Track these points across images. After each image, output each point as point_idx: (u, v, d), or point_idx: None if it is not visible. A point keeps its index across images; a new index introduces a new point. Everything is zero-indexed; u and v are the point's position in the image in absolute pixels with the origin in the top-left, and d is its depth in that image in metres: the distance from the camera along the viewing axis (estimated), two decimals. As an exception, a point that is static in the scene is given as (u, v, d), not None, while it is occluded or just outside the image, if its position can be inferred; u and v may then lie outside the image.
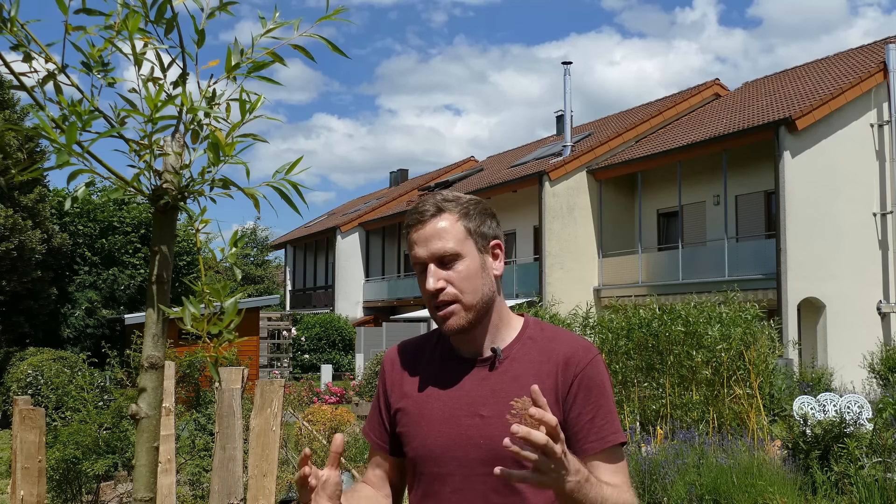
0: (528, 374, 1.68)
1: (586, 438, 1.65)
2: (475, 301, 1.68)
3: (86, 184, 1.57)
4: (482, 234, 1.72)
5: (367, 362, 19.71)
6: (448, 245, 1.68)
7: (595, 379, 1.68)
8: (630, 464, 7.16)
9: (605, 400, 1.68)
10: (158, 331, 1.68)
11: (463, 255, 1.68)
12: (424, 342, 1.85)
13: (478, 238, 1.71)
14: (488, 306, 1.71)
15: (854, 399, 9.34)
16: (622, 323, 10.62)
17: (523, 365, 1.70)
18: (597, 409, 1.66)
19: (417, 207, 1.74)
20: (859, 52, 22.06)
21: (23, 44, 1.52)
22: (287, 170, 1.66)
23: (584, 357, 1.69)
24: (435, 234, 1.69)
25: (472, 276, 1.68)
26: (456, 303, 1.68)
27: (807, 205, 18.14)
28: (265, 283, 53.83)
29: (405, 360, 1.84)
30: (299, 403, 13.72)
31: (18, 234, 16.83)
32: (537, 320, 1.80)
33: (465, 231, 1.70)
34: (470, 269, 1.68)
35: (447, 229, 1.69)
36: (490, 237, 1.73)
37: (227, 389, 3.96)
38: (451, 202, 1.72)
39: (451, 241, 1.68)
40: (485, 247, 1.72)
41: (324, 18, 1.61)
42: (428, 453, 1.71)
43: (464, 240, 1.69)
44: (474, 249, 1.70)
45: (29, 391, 12.02)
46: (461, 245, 1.69)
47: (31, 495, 4.35)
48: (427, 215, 1.71)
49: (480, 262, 1.70)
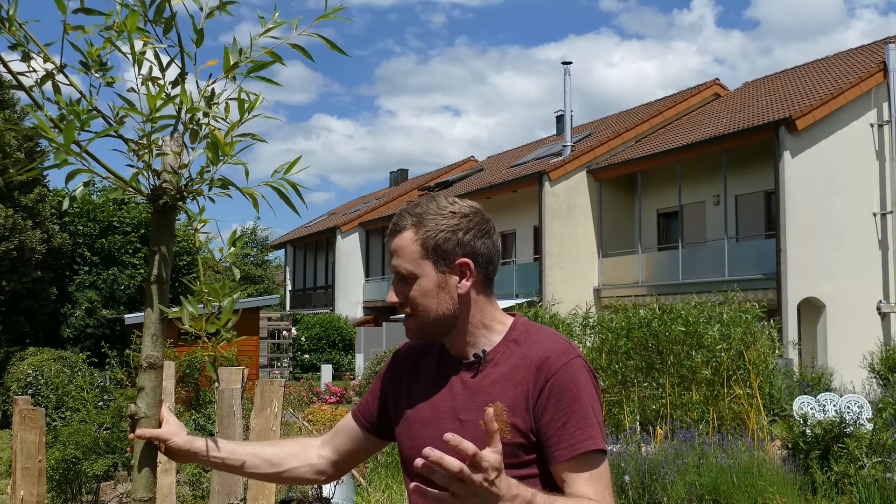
0: (506, 380, 1.66)
1: (557, 445, 1.60)
2: (428, 319, 1.70)
3: (84, 183, 1.57)
4: (444, 252, 1.68)
5: (367, 362, 19.70)
6: (402, 264, 1.69)
7: (567, 384, 1.62)
8: (630, 464, 7.15)
9: (578, 405, 1.61)
10: (157, 331, 1.68)
11: (417, 275, 1.68)
12: (429, 343, 1.85)
13: (436, 258, 1.68)
14: (447, 323, 1.70)
15: (854, 399, 9.34)
16: (622, 323, 10.60)
17: (502, 369, 1.68)
18: (569, 414, 1.60)
19: (395, 217, 1.75)
20: (859, 53, 22.05)
21: (21, 43, 1.52)
22: (286, 170, 1.66)
23: (557, 361, 1.64)
24: (395, 250, 1.71)
25: (425, 296, 1.68)
26: (410, 318, 1.72)
27: (807, 205, 18.14)
28: (265, 283, 53.81)
29: (408, 360, 1.87)
30: (299, 403, 13.72)
31: (18, 234, 16.82)
32: (526, 321, 1.77)
33: (422, 251, 1.68)
34: (423, 288, 1.68)
35: (404, 248, 1.69)
36: (456, 255, 1.68)
37: (227, 389, 3.96)
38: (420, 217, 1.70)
39: (405, 260, 1.69)
40: (448, 265, 1.68)
41: (323, 17, 1.60)
42: (416, 454, 1.71)
43: (419, 260, 1.68)
44: (432, 269, 1.68)
45: (29, 391, 12.01)
46: (415, 265, 1.68)
47: (31, 495, 4.35)
48: (395, 228, 1.73)
49: (438, 281, 1.68)
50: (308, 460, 1.92)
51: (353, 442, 1.93)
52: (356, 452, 1.95)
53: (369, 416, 1.91)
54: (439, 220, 1.69)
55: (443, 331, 1.72)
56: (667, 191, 22.75)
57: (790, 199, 18.03)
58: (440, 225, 1.68)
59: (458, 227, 1.69)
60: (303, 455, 1.93)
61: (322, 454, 1.94)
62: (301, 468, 1.92)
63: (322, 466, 1.93)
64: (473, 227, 1.70)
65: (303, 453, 1.93)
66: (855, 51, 22.65)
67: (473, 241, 1.70)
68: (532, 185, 24.67)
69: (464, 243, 1.69)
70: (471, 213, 1.72)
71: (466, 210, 1.72)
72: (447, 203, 1.72)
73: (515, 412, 1.62)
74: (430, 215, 1.69)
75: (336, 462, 1.94)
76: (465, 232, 1.69)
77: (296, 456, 1.92)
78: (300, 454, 1.93)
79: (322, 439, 1.97)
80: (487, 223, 1.74)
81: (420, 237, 1.68)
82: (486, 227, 1.73)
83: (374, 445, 1.95)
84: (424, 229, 1.68)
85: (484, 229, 1.72)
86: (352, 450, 1.94)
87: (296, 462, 1.91)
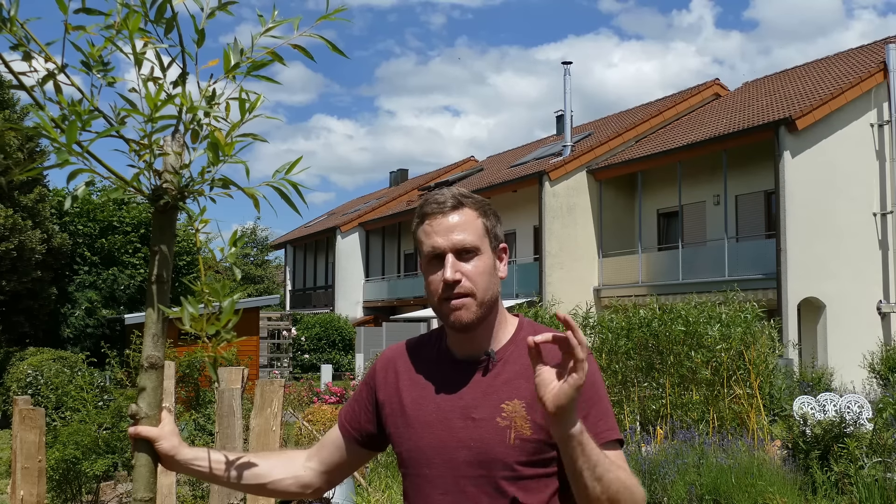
0: (520, 378, 1.66)
1: None
2: (486, 298, 1.68)
3: (86, 183, 1.57)
4: (496, 235, 1.73)
5: (367, 362, 19.72)
6: (469, 238, 1.67)
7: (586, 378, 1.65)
8: (630, 464, 7.14)
9: (598, 398, 1.65)
10: (158, 331, 1.68)
11: (481, 251, 1.69)
12: (422, 343, 1.83)
13: (492, 238, 1.72)
14: (492, 307, 1.70)
15: (854, 399, 9.35)
16: (622, 323, 10.61)
17: (515, 368, 1.68)
18: (589, 407, 1.62)
19: (436, 198, 1.72)
20: (859, 52, 22.05)
21: (22, 43, 1.52)
22: (287, 170, 1.66)
23: None
24: (457, 225, 1.68)
25: (486, 273, 1.68)
26: (469, 296, 1.66)
27: (807, 205, 18.14)
28: (265, 283, 53.83)
29: (402, 361, 1.83)
30: (299, 403, 13.73)
31: (18, 234, 16.83)
32: (531, 321, 1.79)
33: (484, 228, 1.70)
34: (486, 265, 1.69)
35: (469, 223, 1.69)
36: (501, 240, 1.75)
37: (227, 389, 3.96)
38: (468, 198, 1.72)
39: (472, 234, 1.68)
40: (496, 248, 1.73)
41: (324, 18, 1.60)
42: (420, 455, 1.71)
43: (482, 236, 1.70)
44: (489, 248, 1.71)
45: (29, 391, 12.02)
46: (480, 241, 1.69)
47: (31, 495, 4.35)
48: (447, 206, 1.70)
49: (493, 261, 1.71)
50: (293, 472, 1.86)
51: (341, 453, 1.87)
52: (345, 464, 1.89)
53: (357, 427, 1.85)
54: (486, 206, 1.74)
55: (488, 315, 1.70)
56: (667, 191, 22.75)
57: (790, 199, 18.04)
58: (489, 209, 1.74)
59: (497, 216, 1.76)
60: (287, 467, 1.86)
61: (309, 466, 1.87)
62: (285, 480, 1.85)
63: (308, 479, 1.87)
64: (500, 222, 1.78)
65: (288, 465, 1.87)
66: (855, 51, 22.65)
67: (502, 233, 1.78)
68: (532, 185, 24.67)
69: (501, 231, 1.77)
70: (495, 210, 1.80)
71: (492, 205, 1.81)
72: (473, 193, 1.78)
73: (535, 409, 1.62)
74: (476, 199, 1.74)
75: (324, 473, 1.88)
76: (500, 221, 1.77)
77: (280, 467, 1.85)
78: (285, 466, 1.86)
79: (309, 452, 1.91)
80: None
81: (480, 215, 1.71)
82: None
83: (363, 456, 1.90)
84: (482, 209, 1.72)
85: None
86: (340, 461, 1.88)
87: (280, 474, 1.84)
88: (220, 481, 1.83)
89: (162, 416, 1.72)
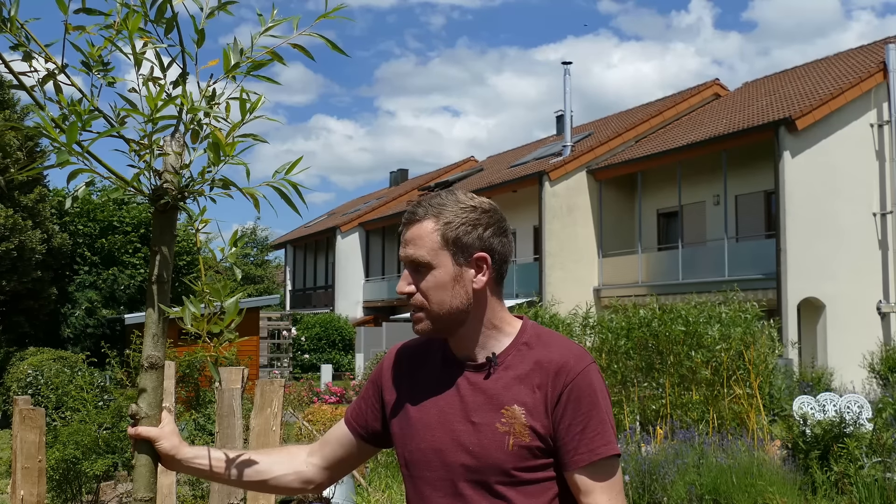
0: (521, 383, 1.65)
1: (575, 450, 1.61)
2: (439, 312, 1.66)
3: (86, 183, 1.58)
4: (463, 245, 1.66)
5: (367, 362, 19.71)
6: (419, 253, 1.66)
7: (585, 389, 1.62)
8: (630, 464, 7.16)
9: (597, 411, 1.62)
10: (158, 331, 1.68)
11: (434, 266, 1.65)
12: (428, 344, 1.82)
13: (455, 250, 1.66)
14: (459, 318, 1.68)
15: (854, 399, 9.35)
16: (622, 323, 10.61)
17: (516, 373, 1.67)
18: (587, 420, 1.61)
19: (411, 207, 1.72)
20: (859, 53, 22.04)
21: (23, 43, 1.52)
22: (287, 170, 1.66)
23: (576, 367, 1.64)
24: (410, 239, 1.67)
25: (439, 288, 1.65)
26: (422, 310, 1.68)
27: (807, 205, 18.13)
28: (265, 283, 53.81)
29: (408, 361, 1.83)
30: (299, 403, 13.72)
31: (18, 234, 16.82)
32: (535, 325, 1.75)
33: (442, 241, 1.65)
34: (438, 280, 1.65)
35: (422, 238, 1.66)
36: (474, 249, 1.67)
37: (227, 389, 3.96)
38: (440, 207, 1.68)
39: (423, 249, 1.65)
40: (466, 259, 1.67)
41: (323, 17, 1.61)
42: (421, 457, 1.70)
43: (437, 250, 1.65)
44: (449, 261, 1.66)
45: (29, 391, 12.01)
46: (433, 255, 1.65)
47: (31, 495, 4.35)
48: (413, 218, 1.69)
49: (454, 274, 1.66)
50: (295, 468, 1.86)
51: (345, 449, 1.88)
52: (348, 460, 1.90)
53: (363, 423, 1.86)
54: (460, 213, 1.67)
55: (453, 326, 1.69)
56: (667, 191, 22.75)
57: (790, 199, 18.03)
58: (461, 217, 1.67)
59: (478, 222, 1.68)
60: (289, 463, 1.86)
61: (311, 461, 1.88)
62: (287, 476, 1.85)
63: (310, 474, 1.87)
64: (493, 224, 1.70)
65: (289, 461, 1.87)
66: (855, 51, 22.64)
67: (492, 238, 1.69)
68: (532, 185, 24.67)
69: (483, 238, 1.68)
70: (491, 210, 1.72)
71: (487, 206, 1.71)
72: (467, 197, 1.71)
73: (534, 416, 1.61)
74: (451, 207, 1.68)
75: (326, 469, 1.88)
76: (484, 227, 1.68)
77: (282, 463, 1.86)
78: (286, 462, 1.86)
79: (311, 447, 1.91)
80: (504, 222, 1.74)
81: (440, 228, 1.66)
82: (504, 226, 1.73)
83: (367, 452, 1.91)
84: (445, 220, 1.66)
85: (502, 227, 1.72)
86: (343, 457, 1.89)
87: (282, 470, 1.85)
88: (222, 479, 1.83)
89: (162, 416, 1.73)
